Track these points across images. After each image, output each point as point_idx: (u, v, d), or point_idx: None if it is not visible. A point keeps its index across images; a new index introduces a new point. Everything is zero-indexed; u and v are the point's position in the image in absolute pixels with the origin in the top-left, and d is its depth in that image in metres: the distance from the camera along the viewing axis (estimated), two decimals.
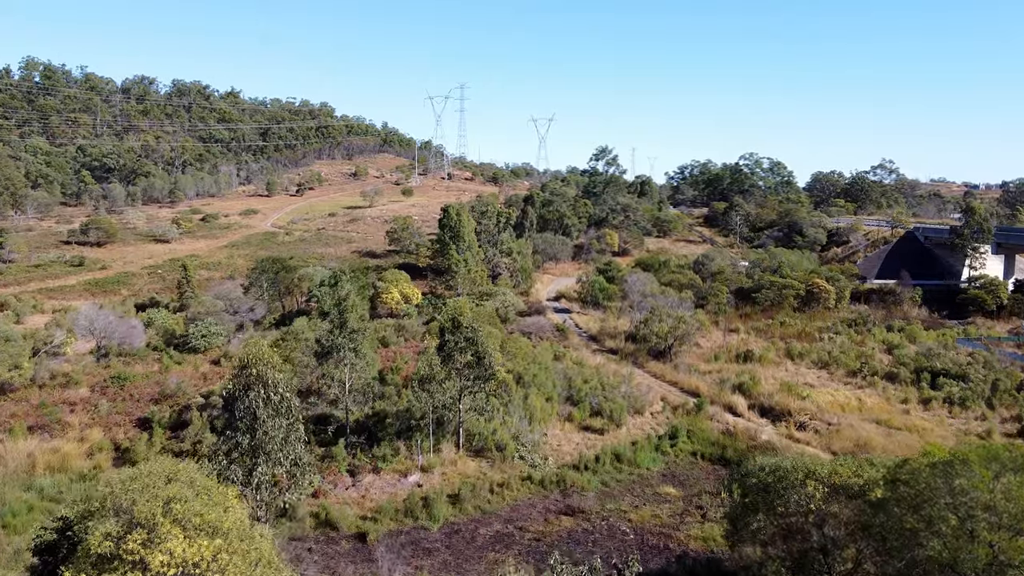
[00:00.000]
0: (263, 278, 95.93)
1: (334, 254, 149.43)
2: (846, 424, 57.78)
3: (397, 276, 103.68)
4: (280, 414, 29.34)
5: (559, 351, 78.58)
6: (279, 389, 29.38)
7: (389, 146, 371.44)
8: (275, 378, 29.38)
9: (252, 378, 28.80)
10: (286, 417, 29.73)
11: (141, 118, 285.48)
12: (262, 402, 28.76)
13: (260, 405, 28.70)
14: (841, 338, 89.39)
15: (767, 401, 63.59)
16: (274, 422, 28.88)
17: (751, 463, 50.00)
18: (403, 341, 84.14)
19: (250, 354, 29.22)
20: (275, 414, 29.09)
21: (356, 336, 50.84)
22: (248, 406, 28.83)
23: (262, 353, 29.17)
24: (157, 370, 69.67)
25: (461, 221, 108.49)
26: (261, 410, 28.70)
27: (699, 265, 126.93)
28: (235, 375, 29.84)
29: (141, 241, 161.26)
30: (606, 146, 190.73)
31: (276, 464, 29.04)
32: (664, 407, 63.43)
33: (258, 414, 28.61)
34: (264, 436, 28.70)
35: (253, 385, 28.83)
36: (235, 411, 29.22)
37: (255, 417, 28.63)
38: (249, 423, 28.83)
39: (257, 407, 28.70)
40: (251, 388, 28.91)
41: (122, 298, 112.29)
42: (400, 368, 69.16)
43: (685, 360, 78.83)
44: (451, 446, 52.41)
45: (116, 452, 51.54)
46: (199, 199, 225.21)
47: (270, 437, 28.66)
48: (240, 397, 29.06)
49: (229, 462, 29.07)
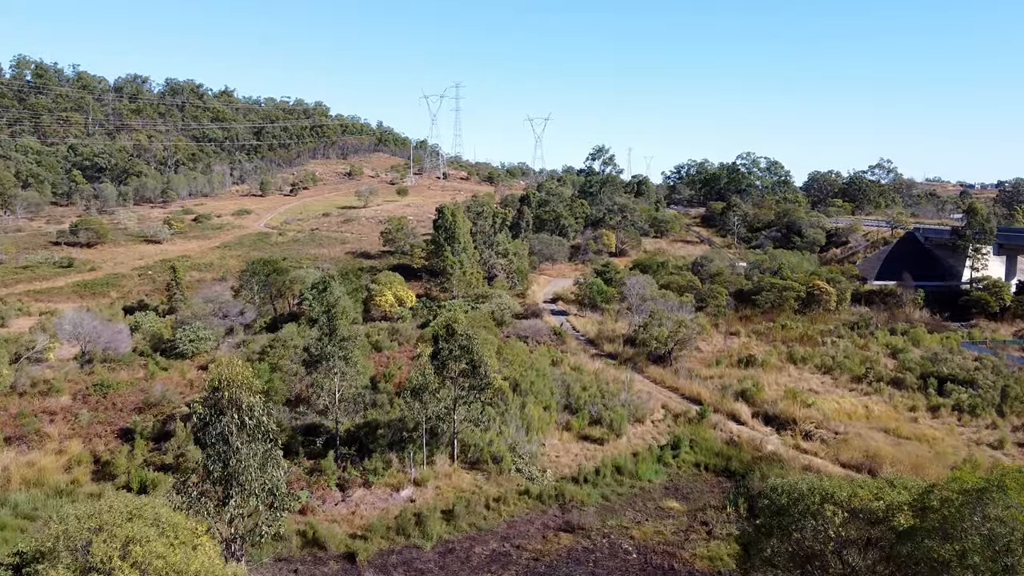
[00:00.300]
0: (254, 280, 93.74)
1: (328, 255, 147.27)
2: (853, 433, 55.92)
3: (391, 278, 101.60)
4: (256, 439, 27.23)
5: (557, 356, 76.64)
6: (255, 413, 27.22)
7: (384, 145, 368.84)
8: (250, 401, 27.24)
9: (225, 402, 26.72)
10: (263, 443, 27.61)
11: (134, 117, 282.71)
12: (235, 428, 26.66)
13: (233, 431, 26.62)
14: (844, 342, 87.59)
15: (771, 409, 61.69)
16: (249, 448, 26.77)
17: (756, 476, 48.48)
18: (397, 346, 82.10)
19: (222, 375, 27.11)
20: (250, 440, 26.99)
21: (347, 344, 48.80)
22: (220, 432, 26.74)
23: (236, 374, 27.05)
24: (142, 377, 67.51)
25: (456, 222, 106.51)
26: (235, 436, 26.59)
27: (698, 266, 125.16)
28: (206, 399, 27.72)
29: (132, 242, 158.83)
30: (603, 146, 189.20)
31: (251, 495, 26.90)
32: (665, 415, 61.54)
33: (231, 441, 26.52)
34: (238, 464, 26.60)
35: (226, 409, 26.73)
36: (206, 438, 27.14)
37: (228, 444, 26.53)
38: (222, 450, 26.72)
39: (230, 433, 26.62)
40: (224, 413, 26.82)
41: (111, 301, 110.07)
42: (393, 374, 67.14)
43: (686, 365, 76.95)
44: (445, 458, 50.44)
45: (96, 465, 49.42)
46: (192, 199, 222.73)
47: (245, 466, 26.55)
48: (212, 423, 26.97)
49: (200, 493, 27.03)
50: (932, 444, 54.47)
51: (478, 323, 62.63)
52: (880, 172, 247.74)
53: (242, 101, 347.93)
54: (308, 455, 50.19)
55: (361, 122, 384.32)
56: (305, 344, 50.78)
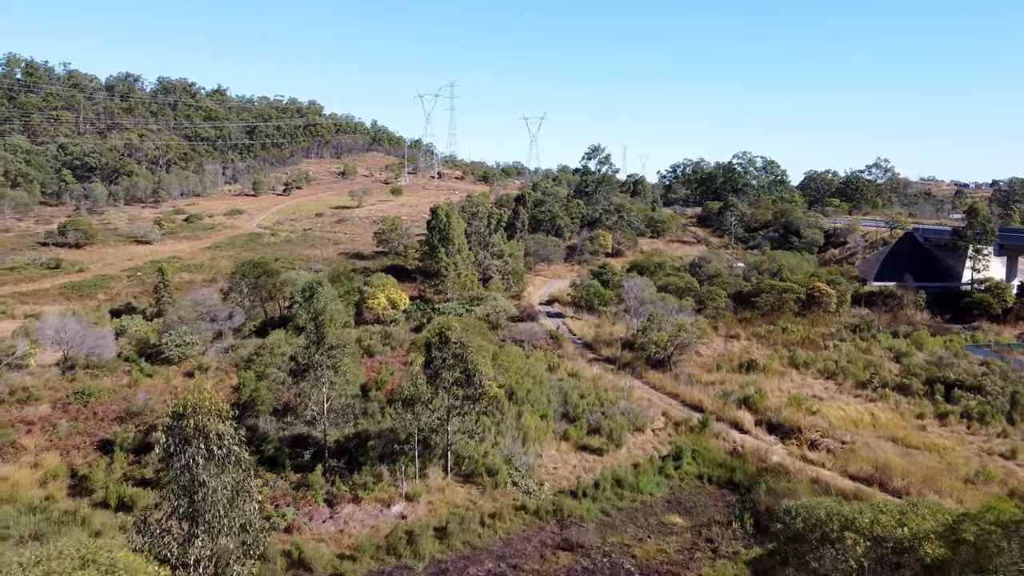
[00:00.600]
0: (243, 283, 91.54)
1: (320, 256, 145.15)
2: (861, 443, 54.06)
3: (384, 280, 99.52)
4: (226, 471, 25.06)
5: (553, 361, 74.71)
6: (224, 441, 25.06)
7: (378, 145, 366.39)
8: (219, 429, 25.07)
9: (190, 431, 24.56)
10: (234, 473, 25.45)
11: (125, 116, 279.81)
12: (202, 459, 24.50)
13: (200, 463, 24.46)
14: (846, 346, 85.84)
15: (775, 416, 59.80)
16: (218, 481, 24.62)
17: (762, 489, 46.57)
18: (389, 350, 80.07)
19: (187, 402, 24.94)
20: (219, 471, 24.82)
21: (335, 353, 46.71)
22: (186, 464, 24.57)
23: (202, 400, 24.91)
24: (126, 383, 65.33)
25: (450, 223, 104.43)
26: (201, 468, 24.43)
27: (695, 268, 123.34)
28: (169, 427, 25.51)
29: (122, 242, 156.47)
30: (598, 145, 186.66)
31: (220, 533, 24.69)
32: (666, 423, 59.59)
33: (197, 473, 24.36)
34: (205, 500, 24.43)
35: (191, 439, 24.56)
36: (170, 470, 24.94)
37: (194, 477, 24.36)
38: (187, 483, 24.54)
39: (196, 465, 24.47)
40: (189, 443, 24.64)
41: (98, 303, 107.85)
42: (385, 381, 65.14)
43: (686, 370, 75.06)
44: (438, 470, 48.43)
45: (72, 479, 47.29)
46: (183, 199, 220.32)
47: (212, 501, 24.38)
48: (176, 454, 24.80)
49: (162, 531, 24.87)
50: (942, 454, 52.65)
51: (472, 329, 60.62)
52: (877, 172, 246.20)
53: (235, 100, 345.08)
54: (295, 468, 48.14)
55: (355, 121, 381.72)
56: (292, 353, 48.70)
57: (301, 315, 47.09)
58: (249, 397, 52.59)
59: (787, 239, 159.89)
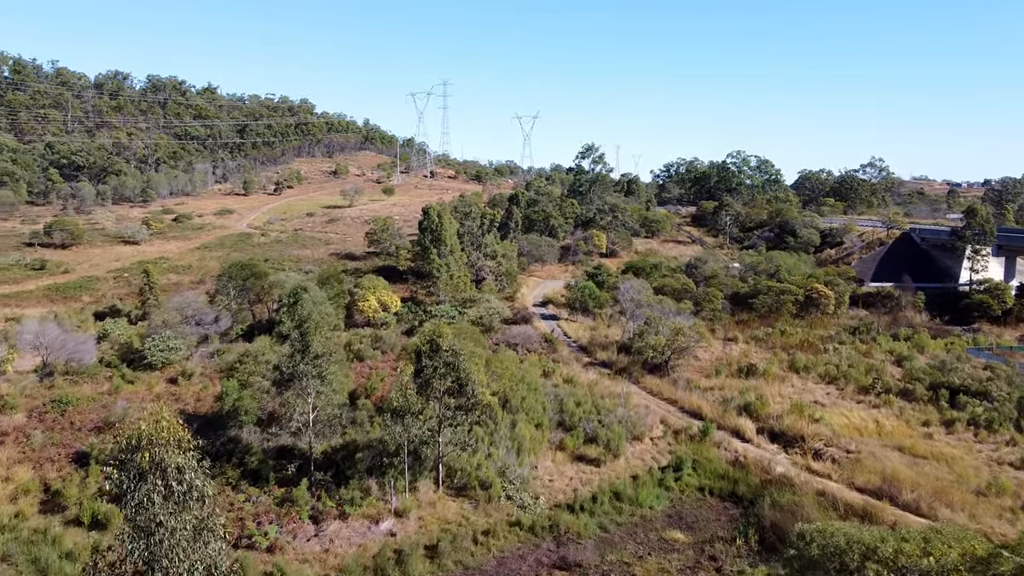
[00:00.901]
0: (230, 285, 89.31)
1: (311, 256, 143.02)
2: (866, 452, 52.30)
3: (375, 282, 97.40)
4: (187, 508, 22.83)
5: (548, 366, 72.80)
6: (185, 476, 22.81)
7: (370, 144, 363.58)
8: (179, 462, 22.82)
9: (146, 464, 22.35)
10: (196, 511, 23.20)
11: (114, 114, 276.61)
12: (160, 496, 22.26)
13: (157, 501, 22.22)
14: (846, 349, 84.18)
15: (777, 424, 57.99)
16: (178, 520, 22.37)
17: (767, 503, 44.71)
18: (379, 355, 78.03)
19: (142, 432, 22.66)
20: (179, 509, 22.58)
21: (321, 361, 44.62)
22: (140, 503, 22.35)
23: (159, 430, 22.69)
24: (106, 391, 63.06)
25: (443, 223, 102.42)
26: (159, 507, 22.20)
27: (692, 269, 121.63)
28: (122, 462, 23.21)
29: (109, 243, 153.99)
30: (592, 144, 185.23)
31: None
32: (665, 432, 57.70)
33: (154, 513, 22.12)
34: (161, 544, 22.16)
35: (147, 474, 22.35)
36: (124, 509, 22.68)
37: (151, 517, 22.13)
38: (143, 524, 22.32)
39: (151, 504, 22.24)
40: (144, 478, 22.45)
41: (82, 305, 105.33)
42: (375, 387, 63.09)
43: (684, 375, 73.27)
44: (430, 483, 46.41)
45: (45, 494, 45.03)
46: (173, 198, 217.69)
47: (171, 544, 22.10)
48: (130, 491, 22.57)
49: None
50: (951, 464, 50.91)
51: (465, 334, 58.63)
52: (872, 171, 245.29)
53: (226, 98, 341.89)
54: (279, 482, 46.04)
55: (347, 120, 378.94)
56: (276, 362, 46.57)
57: (285, 322, 44.88)
58: (232, 407, 50.50)
59: (783, 239, 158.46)
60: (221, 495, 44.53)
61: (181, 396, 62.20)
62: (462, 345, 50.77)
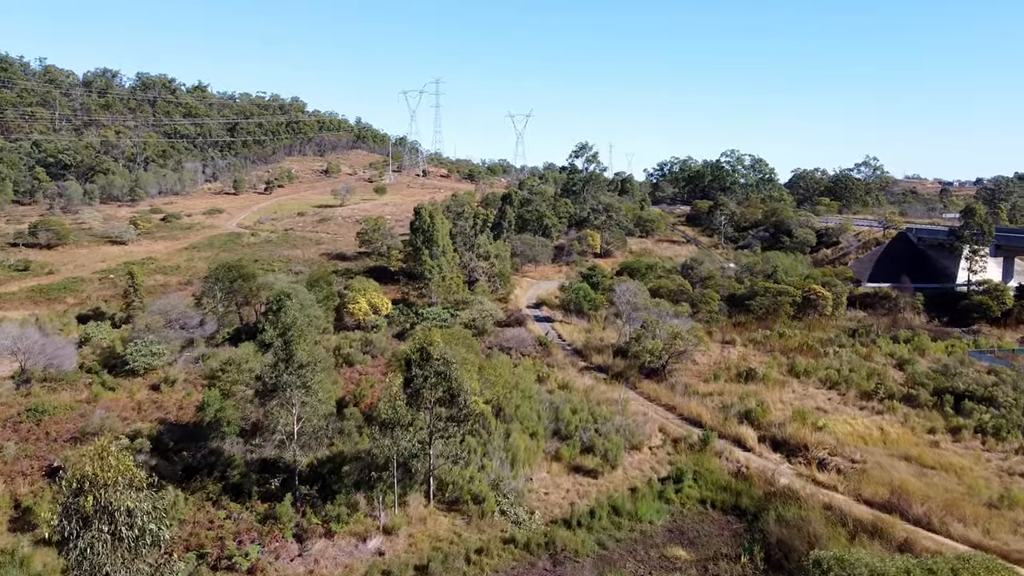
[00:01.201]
0: (217, 287, 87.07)
1: (302, 257, 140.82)
2: (872, 462, 50.53)
3: (365, 284, 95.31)
4: (139, 556, 20.65)
5: (543, 371, 70.91)
6: (136, 520, 20.60)
7: (363, 142, 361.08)
8: (129, 504, 20.65)
9: (90, 509, 20.17)
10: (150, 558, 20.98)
11: (103, 113, 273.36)
12: (108, 543, 20.13)
13: (104, 550, 20.08)
14: (846, 352, 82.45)
15: (779, 432, 56.15)
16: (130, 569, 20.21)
17: (771, 517, 42.87)
18: (370, 359, 76.08)
19: (86, 473, 20.41)
20: (131, 556, 20.42)
21: (306, 371, 42.54)
22: (83, 552, 20.18)
23: (106, 468, 20.46)
24: (85, 399, 60.87)
25: (434, 224, 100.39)
26: (105, 556, 20.04)
27: (687, 269, 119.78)
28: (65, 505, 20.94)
29: (95, 243, 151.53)
30: (586, 143, 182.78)
31: None
32: (664, 440, 55.81)
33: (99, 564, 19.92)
34: None
35: (92, 519, 20.19)
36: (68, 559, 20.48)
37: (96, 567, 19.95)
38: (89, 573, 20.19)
39: (96, 554, 20.11)
40: (89, 524, 20.31)
41: (66, 308, 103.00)
42: (364, 394, 61.09)
43: (682, 379, 71.46)
44: (420, 497, 44.40)
45: (15, 511, 42.88)
46: (161, 197, 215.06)
47: None
48: (73, 538, 20.42)
49: None
50: (960, 474, 49.19)
51: (457, 339, 56.66)
52: (866, 170, 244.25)
53: (216, 96, 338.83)
54: (262, 497, 43.92)
55: (339, 118, 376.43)
56: (258, 372, 44.44)
57: (268, 330, 42.72)
58: (213, 418, 48.39)
59: (778, 239, 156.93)
60: (201, 511, 42.49)
61: (163, 404, 60.08)
62: (454, 351, 48.82)
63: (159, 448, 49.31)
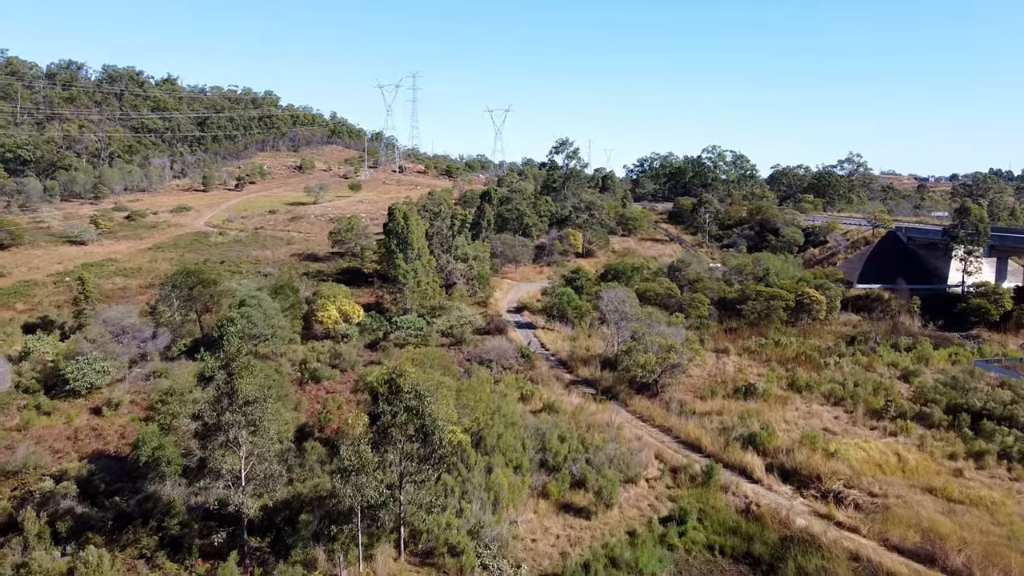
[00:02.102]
0: (174, 295, 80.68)
1: (271, 257, 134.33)
2: (894, 496, 45.44)
3: (335, 290, 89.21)
4: None
5: (526, 388, 65.35)
6: None
7: (338, 137, 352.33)
8: None
9: None
10: None
11: (66, 106, 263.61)
12: None
13: None
14: (847, 362, 77.63)
15: (788, 460, 50.89)
16: None
17: (791, 569, 37.59)
18: (338, 374, 70.08)
19: None
20: None
21: (253, 409, 36.56)
22: None
23: None
24: (14, 426, 54.35)
25: (409, 225, 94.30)
26: None
27: (675, 271, 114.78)
28: None
29: (53, 243, 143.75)
30: (566, 139, 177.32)
31: None
32: (662, 471, 50.33)
33: None
34: None
35: None
36: None
37: None
38: None
39: None
40: None
41: (12, 315, 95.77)
42: (331, 418, 55.24)
43: (676, 395, 66.14)
44: (390, 549, 38.53)
45: None
46: (127, 194, 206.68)
47: None
48: None
49: None
50: (992, 511, 44.23)
51: (432, 360, 51.00)
52: (849, 167, 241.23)
53: (187, 90, 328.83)
54: (204, 553, 37.81)
55: (313, 113, 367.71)
56: (196, 411, 38.21)
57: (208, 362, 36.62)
58: (151, 457, 42.21)
59: (764, 238, 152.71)
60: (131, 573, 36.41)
61: (104, 432, 53.72)
62: (428, 376, 43.23)
63: (89, 491, 42.96)
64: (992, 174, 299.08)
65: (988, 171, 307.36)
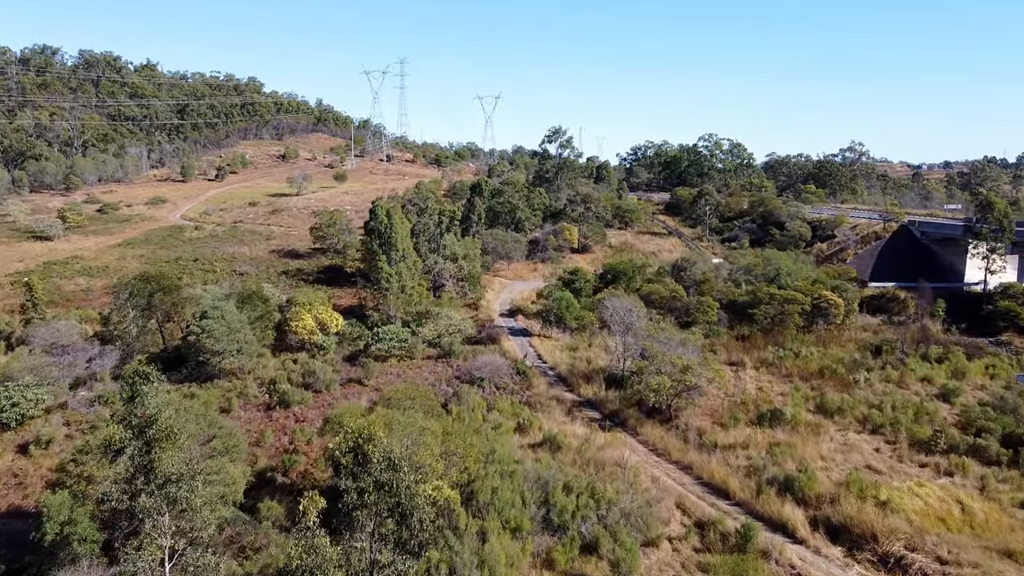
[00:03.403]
0: (129, 304, 72.48)
1: (248, 254, 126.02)
2: (968, 565, 37.80)
3: (311, 296, 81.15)
4: None
5: (524, 416, 57.45)
6: None
7: (324, 125, 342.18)
8: None
9: None
10: None
11: (39, 92, 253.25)
12: None
13: None
14: (877, 378, 70.09)
15: (834, 514, 43.06)
16: None
17: None
18: (311, 397, 62.05)
19: None
20: None
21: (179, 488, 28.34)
22: None
23: None
24: None
25: (392, 224, 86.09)
26: None
27: (679, 271, 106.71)
28: None
29: (16, 239, 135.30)
30: (559, 127, 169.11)
31: None
32: (687, 528, 42.42)
33: None
34: None
35: None
36: None
37: None
38: None
39: None
40: None
41: None
42: (297, 459, 47.28)
43: (692, 421, 58.45)
44: None
45: None
46: (101, 185, 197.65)
47: None
48: None
49: None
50: None
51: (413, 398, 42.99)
52: (851, 156, 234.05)
53: (167, 76, 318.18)
54: None
55: (298, 100, 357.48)
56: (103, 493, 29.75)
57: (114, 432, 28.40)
58: (59, 534, 34.01)
59: (767, 231, 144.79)
60: None
61: (26, 478, 45.59)
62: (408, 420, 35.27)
63: None
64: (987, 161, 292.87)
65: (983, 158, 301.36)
